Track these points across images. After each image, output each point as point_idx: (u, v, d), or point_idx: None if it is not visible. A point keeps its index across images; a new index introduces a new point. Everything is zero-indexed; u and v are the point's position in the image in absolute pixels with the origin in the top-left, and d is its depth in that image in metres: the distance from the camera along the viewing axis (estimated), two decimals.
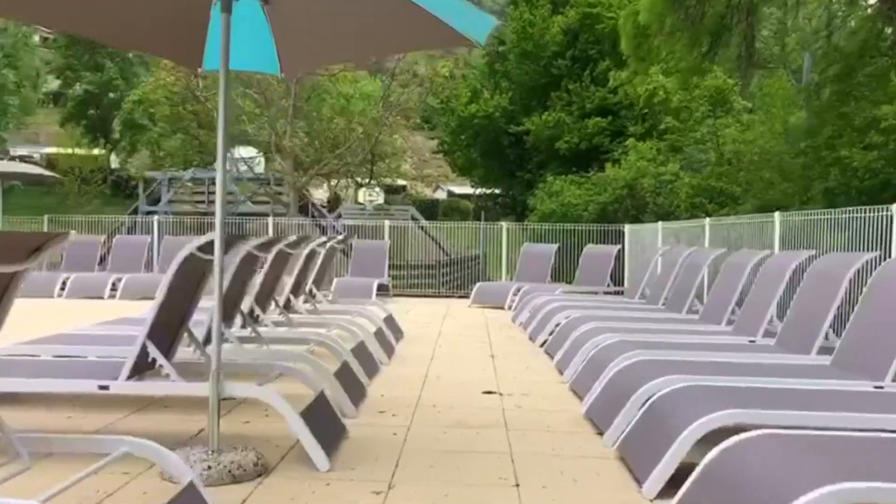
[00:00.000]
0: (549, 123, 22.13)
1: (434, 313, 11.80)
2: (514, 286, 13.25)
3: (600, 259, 13.72)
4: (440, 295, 16.30)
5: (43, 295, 12.85)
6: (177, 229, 16.43)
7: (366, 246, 15.36)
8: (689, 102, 21.46)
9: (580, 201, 16.58)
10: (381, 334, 7.16)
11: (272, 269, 5.90)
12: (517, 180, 25.13)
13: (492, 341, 8.44)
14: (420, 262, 21.49)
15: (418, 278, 21.18)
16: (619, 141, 21.09)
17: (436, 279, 22.99)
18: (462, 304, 13.50)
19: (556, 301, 9.36)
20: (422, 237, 22.47)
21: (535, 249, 14.81)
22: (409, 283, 20.44)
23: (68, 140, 42.40)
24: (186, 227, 16.56)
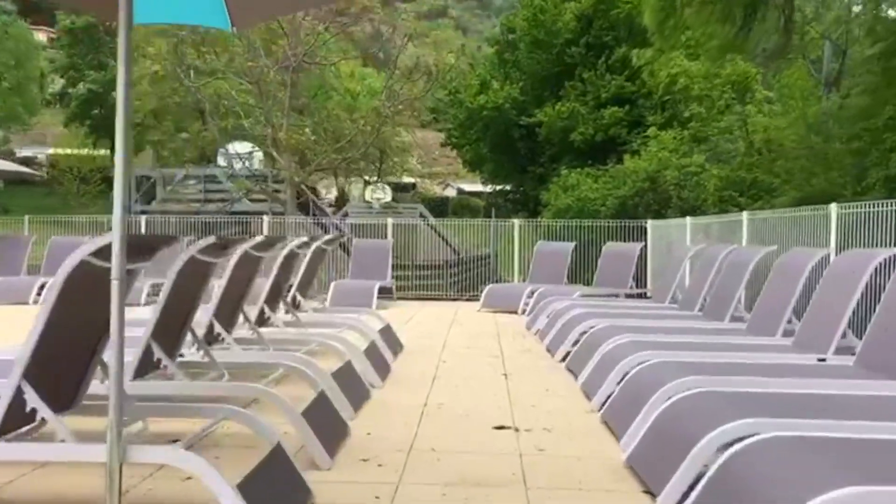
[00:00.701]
0: (563, 114, 21.06)
1: (440, 319, 10.79)
2: (527, 288, 12.22)
3: (622, 258, 12.66)
4: (448, 297, 15.28)
5: (21, 300, 12.07)
6: (164, 230, 15.50)
7: (367, 246, 14.37)
8: (710, 90, 20.37)
9: (597, 195, 15.52)
10: (373, 350, 6.14)
11: (236, 275, 4.89)
12: (529, 175, 24.08)
13: (504, 355, 7.41)
14: (427, 262, 20.56)
15: (426, 279, 20.24)
16: (637, 132, 20.01)
17: (444, 280, 22.02)
18: (471, 308, 12.48)
19: (577, 307, 8.32)
20: (430, 236, 21.54)
21: (549, 248, 13.76)
22: (415, 285, 19.54)
23: (74, 140, 41.89)
24: (175, 227, 15.62)
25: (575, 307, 8.31)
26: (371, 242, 15.01)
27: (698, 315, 7.76)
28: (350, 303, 12.17)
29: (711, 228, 11.29)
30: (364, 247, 14.21)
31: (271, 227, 15.33)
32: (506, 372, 6.40)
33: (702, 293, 8.08)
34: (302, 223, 18.32)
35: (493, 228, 15.55)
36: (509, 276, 15.06)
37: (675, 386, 3.93)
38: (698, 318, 7.58)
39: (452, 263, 22.99)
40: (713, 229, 11.29)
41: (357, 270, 13.81)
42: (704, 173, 14.63)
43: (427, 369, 6.42)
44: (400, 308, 12.61)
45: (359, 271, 13.78)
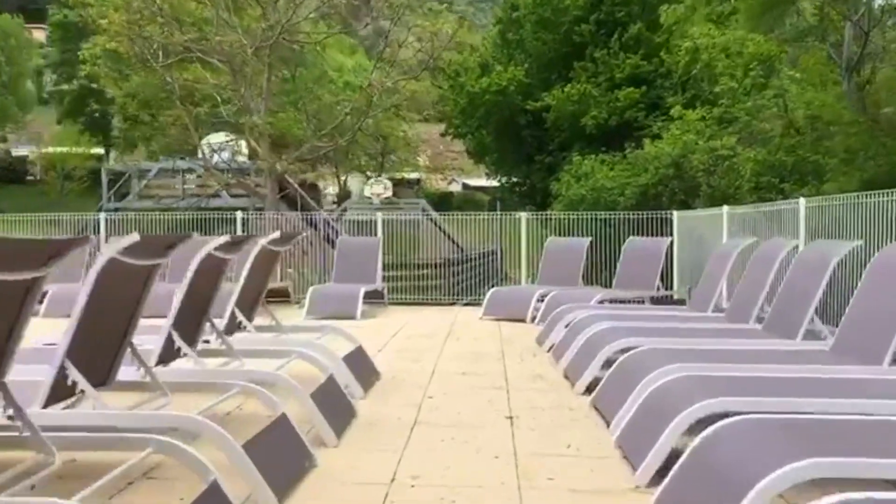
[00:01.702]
0: (573, 97, 19.41)
1: (435, 331, 9.20)
2: (537, 291, 10.64)
3: (647, 255, 11.06)
4: (447, 301, 13.68)
5: None
6: (125, 229, 13.95)
7: (353, 244, 12.79)
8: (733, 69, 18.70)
9: (615, 184, 13.89)
10: (329, 391, 4.54)
11: (109, 293, 3.31)
12: (536, 165, 22.42)
13: (509, 384, 5.81)
14: (427, 261, 19.07)
15: (425, 279, 18.79)
16: (655, 115, 18.37)
17: (445, 279, 20.50)
18: (472, 315, 10.90)
19: (601, 318, 6.72)
20: (432, 232, 20.04)
21: (562, 245, 12.16)
22: (413, 287, 18.13)
23: (69, 138, 40.85)
24: (138, 226, 14.06)
25: (598, 318, 6.71)
26: (357, 241, 13.44)
27: (758, 330, 6.14)
28: (330, 311, 10.62)
29: (753, 219, 9.66)
30: (350, 245, 12.63)
31: (247, 224, 13.76)
32: (512, 414, 4.80)
33: (757, 301, 6.47)
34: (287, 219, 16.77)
35: (499, 223, 13.93)
36: (517, 274, 13.45)
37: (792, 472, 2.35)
38: (761, 335, 5.95)
39: (454, 262, 21.46)
40: (755, 220, 9.67)
41: (342, 272, 12.24)
42: (737, 157, 12.98)
43: (405, 412, 4.83)
44: (389, 316, 11.04)
45: (344, 273, 12.21)
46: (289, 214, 16.78)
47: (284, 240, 5.81)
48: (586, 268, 11.97)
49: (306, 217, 17.47)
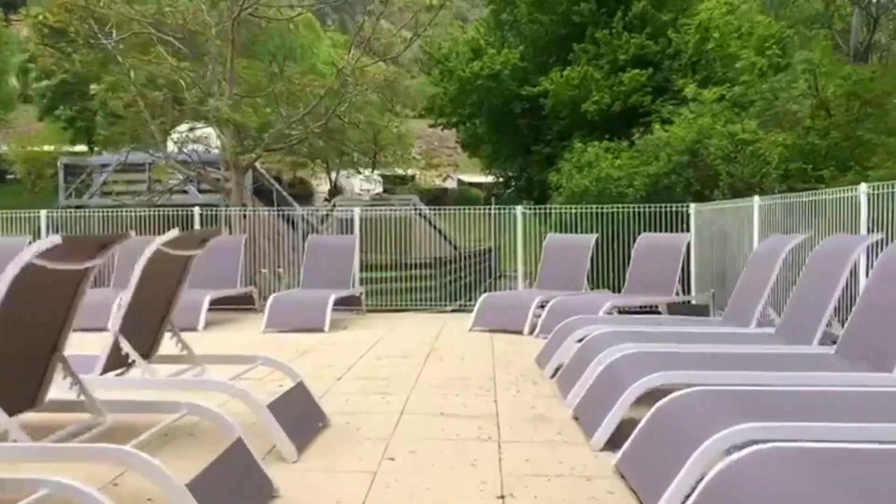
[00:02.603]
0: (573, 80, 17.94)
1: (415, 346, 7.76)
2: (536, 297, 9.22)
3: (663, 254, 9.64)
4: (435, 308, 12.25)
5: None
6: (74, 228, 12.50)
7: (325, 245, 11.33)
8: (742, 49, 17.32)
9: (622, 174, 12.47)
10: (234, 459, 3.08)
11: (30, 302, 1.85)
12: (533, 157, 20.97)
13: (502, 434, 4.37)
14: (416, 261, 17.72)
15: (414, 281, 17.45)
16: (663, 99, 16.96)
17: (436, 280, 19.18)
18: (463, 323, 9.47)
19: (623, 338, 5.29)
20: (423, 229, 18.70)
21: (564, 242, 10.73)
22: (402, 289, 16.79)
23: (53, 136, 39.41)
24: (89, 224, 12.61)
25: (617, 338, 5.28)
26: (330, 240, 12.01)
27: (827, 354, 4.70)
28: (294, 322, 9.18)
29: (792, 211, 8.24)
30: (321, 246, 11.17)
31: (205, 221, 12.29)
32: (503, 492, 3.35)
33: (822, 317, 5.04)
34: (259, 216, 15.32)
35: (493, 218, 12.48)
36: (513, 277, 12.01)
37: None
38: (835, 361, 4.51)
39: (446, 261, 20.09)
40: (794, 212, 8.26)
41: (311, 277, 10.80)
42: (761, 141, 11.56)
43: (351, 487, 3.38)
44: (365, 327, 9.59)
45: (314, 278, 10.77)
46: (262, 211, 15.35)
47: (192, 241, 4.36)
48: (591, 269, 10.57)
49: (283, 214, 16.03)
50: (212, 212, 12.32)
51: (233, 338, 8.66)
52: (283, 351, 7.48)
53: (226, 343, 8.23)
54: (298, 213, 15.90)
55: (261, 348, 7.78)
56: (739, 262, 9.41)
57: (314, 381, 5.65)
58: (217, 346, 7.94)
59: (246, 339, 8.46)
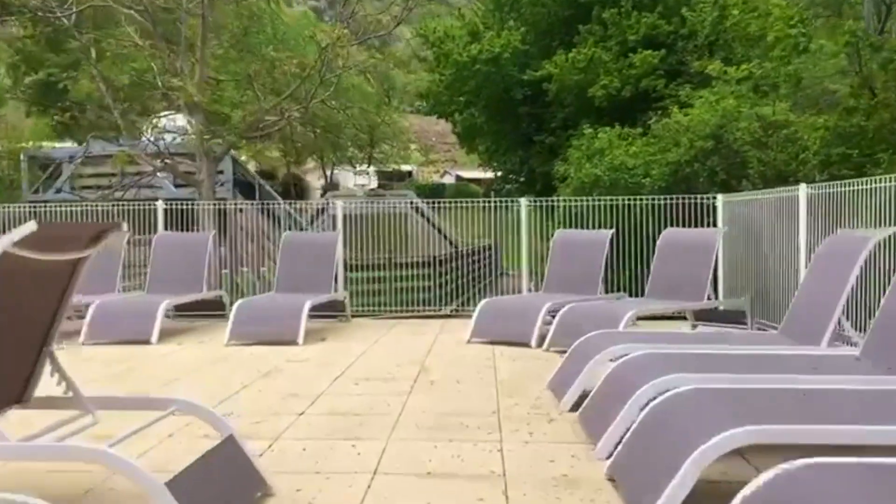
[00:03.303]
0: (579, 63, 16.69)
1: (402, 364, 6.53)
2: (544, 303, 7.99)
3: (691, 252, 8.40)
4: (430, 313, 11.02)
5: None
6: (14, 225, 11.20)
7: (302, 243, 10.08)
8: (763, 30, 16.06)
9: (638, 162, 11.24)
10: None
11: None
12: (535, 148, 19.71)
13: (510, 503, 3.13)
14: (411, 260, 16.55)
15: (408, 281, 16.28)
16: (677, 83, 15.72)
17: (432, 280, 18.00)
18: (460, 332, 8.26)
19: (671, 364, 4.04)
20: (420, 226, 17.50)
21: (575, 239, 9.49)
22: (395, 290, 15.64)
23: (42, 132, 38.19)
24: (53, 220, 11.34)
25: (660, 363, 4.04)
26: (308, 238, 10.75)
27: None
28: (263, 334, 7.94)
29: (851, 201, 7.01)
30: (298, 244, 9.92)
31: (170, 216, 11.04)
32: None
33: None
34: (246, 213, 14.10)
35: (495, 212, 11.23)
36: (517, 280, 10.77)
37: None
38: None
39: (443, 260, 18.91)
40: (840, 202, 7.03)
41: (287, 279, 9.57)
42: (795, 124, 10.33)
43: None
44: (347, 338, 8.35)
45: (290, 280, 9.54)
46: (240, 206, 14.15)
47: (70, 239, 3.10)
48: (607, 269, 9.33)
49: (266, 209, 14.85)
50: (178, 206, 11.06)
51: (186, 354, 7.42)
52: (243, 371, 6.25)
53: (176, 360, 7.00)
54: (282, 207, 14.69)
55: (216, 367, 6.55)
56: (779, 262, 8.20)
57: (268, 421, 4.43)
58: (163, 365, 6.72)
59: (201, 356, 7.22)
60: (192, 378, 6.10)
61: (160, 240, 10.14)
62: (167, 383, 5.83)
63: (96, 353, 7.44)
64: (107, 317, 8.33)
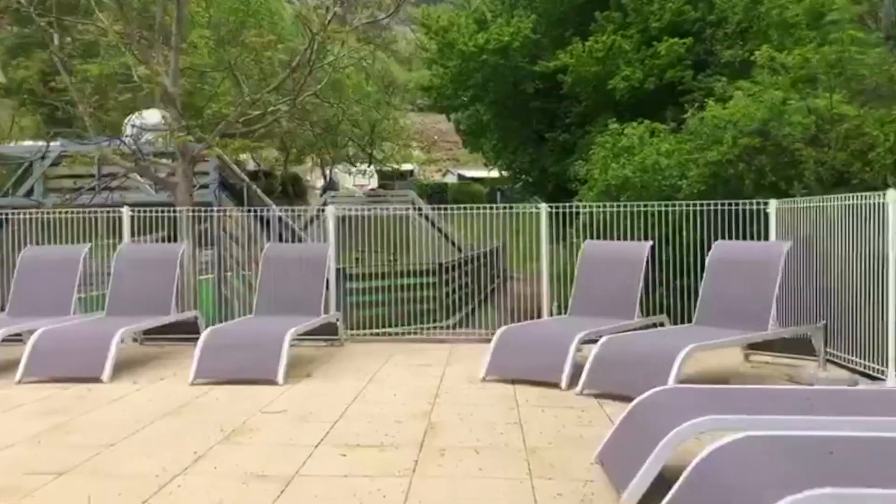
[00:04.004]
0: (597, 53, 15.36)
1: (402, 418, 5.24)
2: (575, 333, 6.67)
3: (750, 270, 7.08)
4: (434, 338, 9.72)
5: None
6: None
7: (287, 256, 8.76)
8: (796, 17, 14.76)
9: (672, 162, 9.93)
10: None
11: None
12: (547, 145, 18.43)
13: None
14: (414, 267, 15.34)
15: (412, 291, 15.09)
16: (706, 74, 14.40)
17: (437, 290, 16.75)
18: (471, 362, 6.98)
19: (805, 465, 2.73)
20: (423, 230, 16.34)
21: (607, 253, 8.17)
22: (397, 300, 14.48)
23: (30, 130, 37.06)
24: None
25: (795, 460, 2.73)
26: (294, 249, 9.43)
27: None
28: (237, 370, 6.64)
29: None
30: (282, 259, 8.60)
31: (137, 224, 9.72)
32: None
33: None
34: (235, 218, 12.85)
35: (509, 219, 9.87)
36: (537, 299, 9.43)
37: None
38: None
39: (449, 267, 17.63)
40: None
41: (269, 299, 8.27)
42: (858, 118, 9.02)
43: None
44: (337, 376, 7.03)
45: (272, 300, 8.25)
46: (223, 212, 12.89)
47: None
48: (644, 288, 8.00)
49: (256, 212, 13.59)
50: (147, 213, 9.74)
51: (140, 398, 6.12)
52: (201, 431, 4.96)
53: (124, 410, 5.69)
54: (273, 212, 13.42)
55: (170, 423, 5.24)
56: (858, 282, 6.89)
57: None
58: (105, 418, 5.41)
59: (157, 402, 5.91)
60: (134, 443, 4.79)
61: (123, 253, 8.84)
62: (95, 454, 4.53)
63: (29, 396, 6.15)
64: (51, 348, 7.02)
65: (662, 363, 5.75)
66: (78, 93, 11.29)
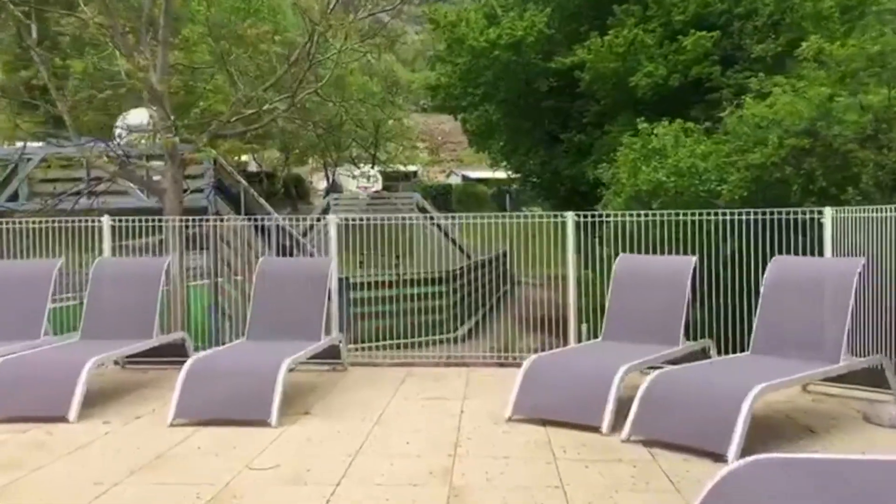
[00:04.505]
0: (617, 48, 14.44)
1: (416, 484, 4.33)
2: (618, 365, 5.75)
3: (817, 292, 6.15)
4: (444, 359, 8.81)
5: None
6: None
7: (283, 272, 7.85)
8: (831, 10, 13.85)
9: (709, 165, 9.01)
10: None
11: None
12: (561, 146, 17.51)
13: None
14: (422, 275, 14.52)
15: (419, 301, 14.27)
16: (734, 70, 13.48)
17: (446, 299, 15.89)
18: (492, 396, 6.08)
19: None
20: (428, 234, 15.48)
21: (644, 269, 7.26)
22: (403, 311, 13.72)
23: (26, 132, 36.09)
24: None
25: None
26: (291, 266, 8.48)
27: None
28: (222, 409, 5.75)
29: None
30: (278, 275, 7.69)
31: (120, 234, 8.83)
32: None
33: None
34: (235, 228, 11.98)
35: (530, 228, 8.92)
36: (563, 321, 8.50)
37: None
38: None
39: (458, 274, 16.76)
40: None
41: (263, 321, 7.37)
42: None
43: None
44: (338, 410, 6.12)
45: (266, 323, 7.34)
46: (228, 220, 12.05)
47: None
48: None
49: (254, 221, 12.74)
50: (129, 223, 8.84)
51: (107, 446, 5.22)
52: (174, 497, 4.06)
53: (85, 464, 4.80)
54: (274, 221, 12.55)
55: (138, 484, 4.33)
56: None
57: None
58: (61, 476, 4.49)
59: (126, 452, 5.01)
60: None
61: (101, 268, 7.93)
62: None
63: None
64: (10, 380, 6.13)
65: (727, 407, 4.85)
66: (57, 91, 10.43)
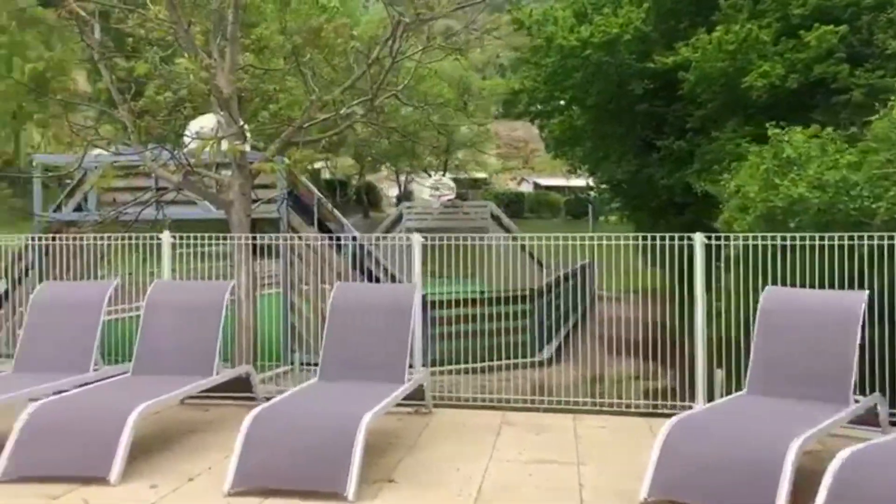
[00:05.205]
0: (728, 45, 13.02)
1: None
2: (789, 434, 4.50)
3: None
4: (542, 403, 7.67)
5: None
6: None
7: (360, 300, 6.80)
8: None
9: (861, 180, 7.64)
10: None
11: None
12: (657, 154, 16.15)
13: None
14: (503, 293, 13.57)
15: (501, 321, 13.36)
16: (866, 69, 11.94)
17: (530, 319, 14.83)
18: (610, 456, 4.93)
19: None
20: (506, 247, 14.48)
21: (801, 305, 5.95)
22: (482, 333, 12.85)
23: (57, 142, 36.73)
24: None
25: None
26: (367, 294, 7.34)
27: None
28: (293, 479, 4.74)
29: None
30: (353, 306, 6.65)
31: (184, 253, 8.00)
32: None
33: None
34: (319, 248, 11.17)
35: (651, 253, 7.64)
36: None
37: None
38: None
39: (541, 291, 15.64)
40: None
41: (336, 358, 6.36)
42: None
43: None
44: (426, 476, 5.07)
45: (340, 360, 6.34)
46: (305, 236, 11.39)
47: None
48: None
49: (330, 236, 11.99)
50: (191, 241, 8.00)
51: None
52: None
53: None
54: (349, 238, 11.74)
55: None
56: None
57: None
58: None
59: None
60: None
61: (157, 292, 7.07)
62: None
63: None
64: (45, 430, 5.26)
65: None
66: (119, 94, 9.70)
